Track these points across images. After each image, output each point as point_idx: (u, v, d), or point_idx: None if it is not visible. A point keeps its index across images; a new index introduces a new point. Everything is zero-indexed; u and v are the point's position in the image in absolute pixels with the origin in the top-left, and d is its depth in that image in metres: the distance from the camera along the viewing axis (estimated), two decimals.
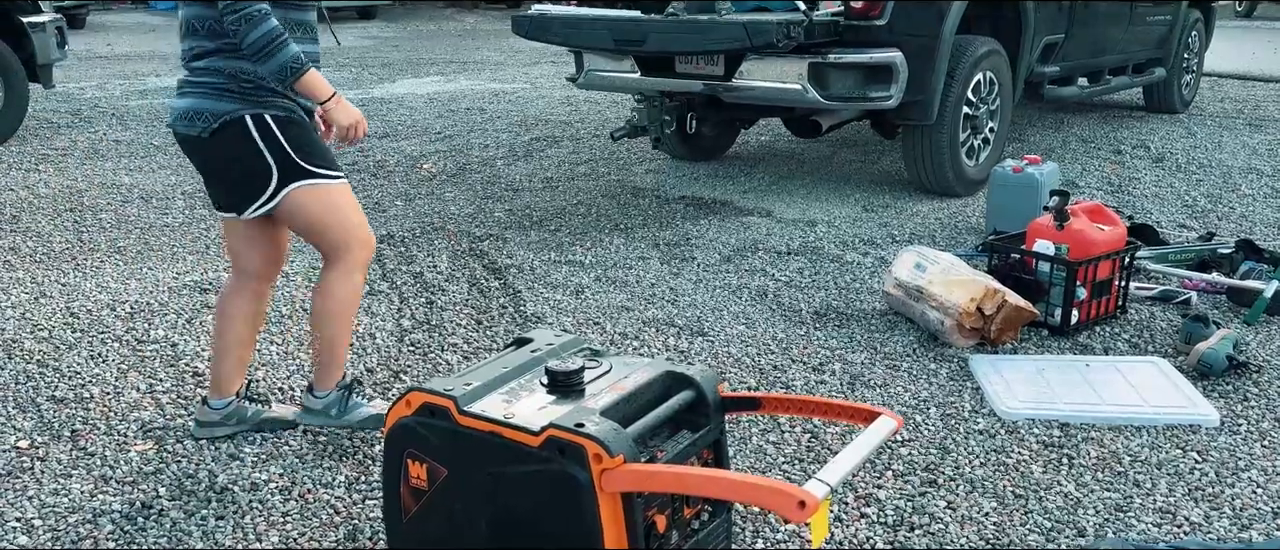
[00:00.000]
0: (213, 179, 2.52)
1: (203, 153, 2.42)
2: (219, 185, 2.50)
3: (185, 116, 2.37)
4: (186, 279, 3.95)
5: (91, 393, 2.92)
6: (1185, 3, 7.17)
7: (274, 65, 2.28)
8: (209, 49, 2.34)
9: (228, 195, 2.48)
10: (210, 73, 2.35)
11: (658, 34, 4.63)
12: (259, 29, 2.23)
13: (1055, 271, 3.30)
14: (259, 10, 2.23)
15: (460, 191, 5.46)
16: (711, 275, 4.02)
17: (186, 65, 2.39)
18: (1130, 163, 5.95)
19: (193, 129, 2.36)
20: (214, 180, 2.52)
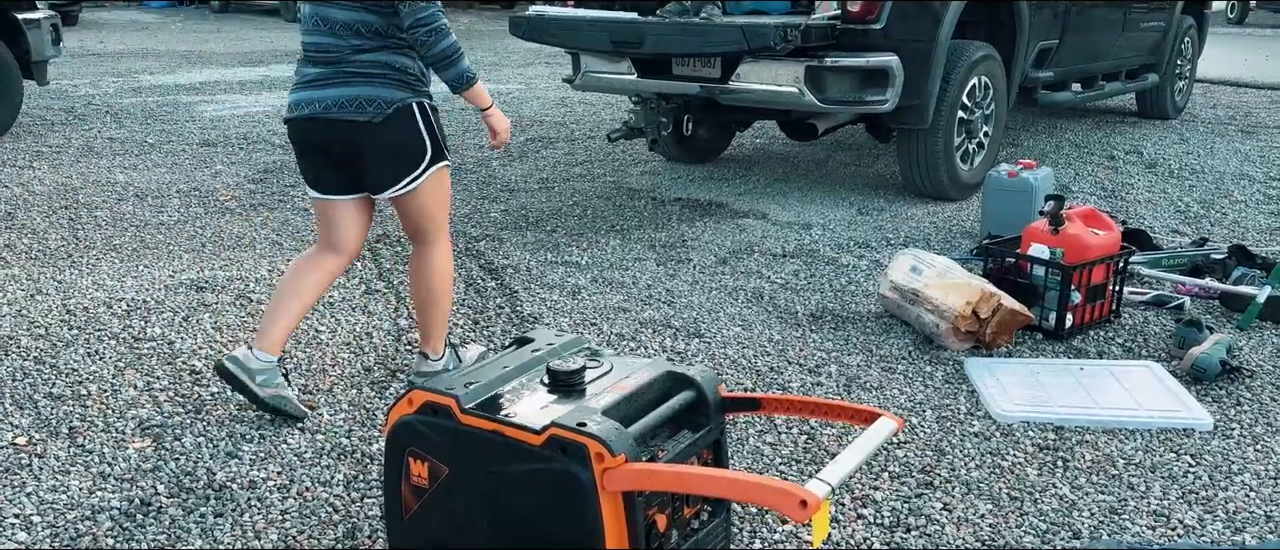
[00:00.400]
0: (365, 160, 2.66)
1: (365, 136, 2.60)
2: (372, 166, 2.67)
3: (349, 103, 2.58)
4: (182, 277, 3.94)
5: (89, 390, 2.92)
6: (1179, 9, 7.23)
7: (453, 73, 2.62)
8: (374, 46, 2.59)
9: (377, 175, 2.68)
10: (378, 66, 2.59)
11: (655, 36, 4.65)
12: (446, 40, 2.57)
13: (1050, 275, 3.32)
14: (445, 25, 2.57)
15: (456, 192, 5.46)
16: (707, 277, 4.03)
17: (348, 59, 2.58)
18: (1124, 168, 5.99)
19: (361, 115, 2.58)
20: (368, 161, 2.66)
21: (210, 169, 5.94)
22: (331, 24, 2.58)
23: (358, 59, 2.58)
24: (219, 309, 3.59)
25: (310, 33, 2.63)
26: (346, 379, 3.03)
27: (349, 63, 2.59)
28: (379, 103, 2.58)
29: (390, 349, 3.27)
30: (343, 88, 2.58)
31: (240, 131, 7.15)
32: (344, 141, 2.63)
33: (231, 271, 4.01)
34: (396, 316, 3.55)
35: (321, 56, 2.61)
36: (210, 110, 8.15)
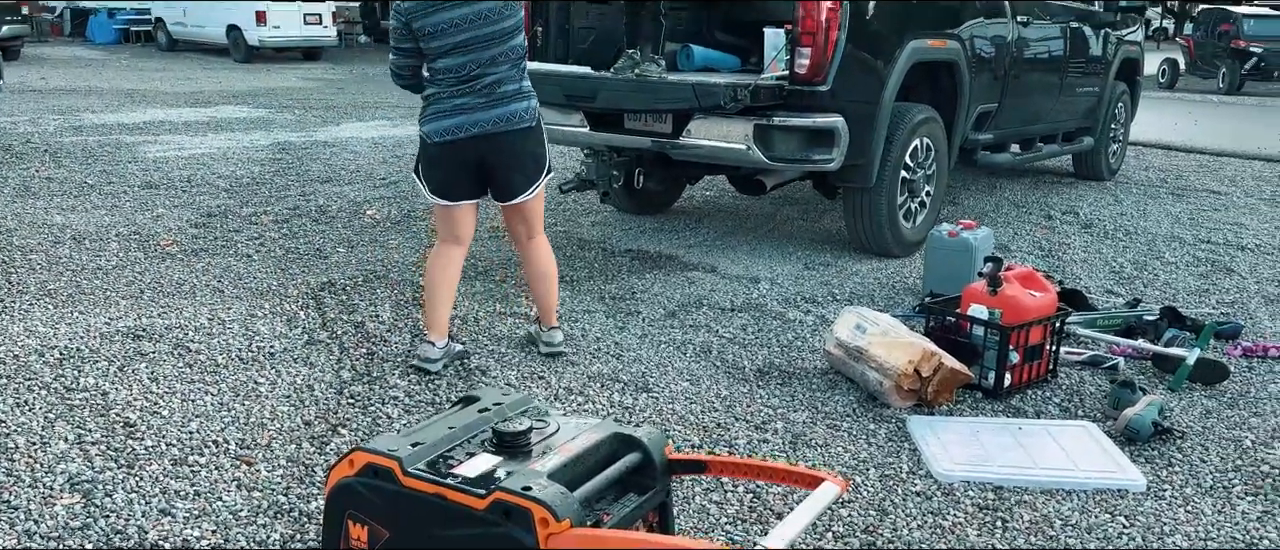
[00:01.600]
0: (513, 166, 3.40)
1: (525, 141, 3.38)
2: (516, 171, 3.41)
3: (523, 114, 3.35)
4: (119, 324, 3.85)
5: (16, 443, 2.82)
6: (1112, 75, 7.50)
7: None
8: (521, 67, 3.39)
9: (514, 180, 3.43)
10: (527, 82, 3.40)
11: (608, 92, 4.70)
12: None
13: (989, 336, 3.40)
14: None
15: (404, 238, 5.43)
16: (656, 330, 4.05)
17: (521, 82, 3.38)
18: (1060, 228, 6.16)
19: (530, 121, 3.38)
20: (513, 167, 3.40)
21: (151, 212, 5.83)
22: (505, 54, 3.29)
23: (525, 81, 3.38)
24: (156, 358, 3.51)
25: (462, 67, 3.26)
26: (285, 433, 2.97)
27: (520, 84, 3.36)
28: (536, 111, 3.40)
29: (331, 402, 3.21)
30: (520, 101, 3.35)
31: (184, 174, 7.04)
32: (503, 149, 3.33)
33: (170, 319, 3.93)
34: (339, 368, 3.50)
35: (480, 84, 3.28)
36: (153, 151, 8.02)
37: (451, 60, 3.28)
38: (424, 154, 3.42)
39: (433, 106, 3.35)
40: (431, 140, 3.34)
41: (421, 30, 3.26)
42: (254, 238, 5.30)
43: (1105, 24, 7.32)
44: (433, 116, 3.34)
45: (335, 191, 6.65)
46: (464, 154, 3.34)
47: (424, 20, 3.25)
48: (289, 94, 13.39)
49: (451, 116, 3.31)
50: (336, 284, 4.51)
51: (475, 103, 3.30)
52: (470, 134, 3.30)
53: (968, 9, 5.52)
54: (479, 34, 3.26)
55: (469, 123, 3.30)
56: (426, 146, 3.38)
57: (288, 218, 5.80)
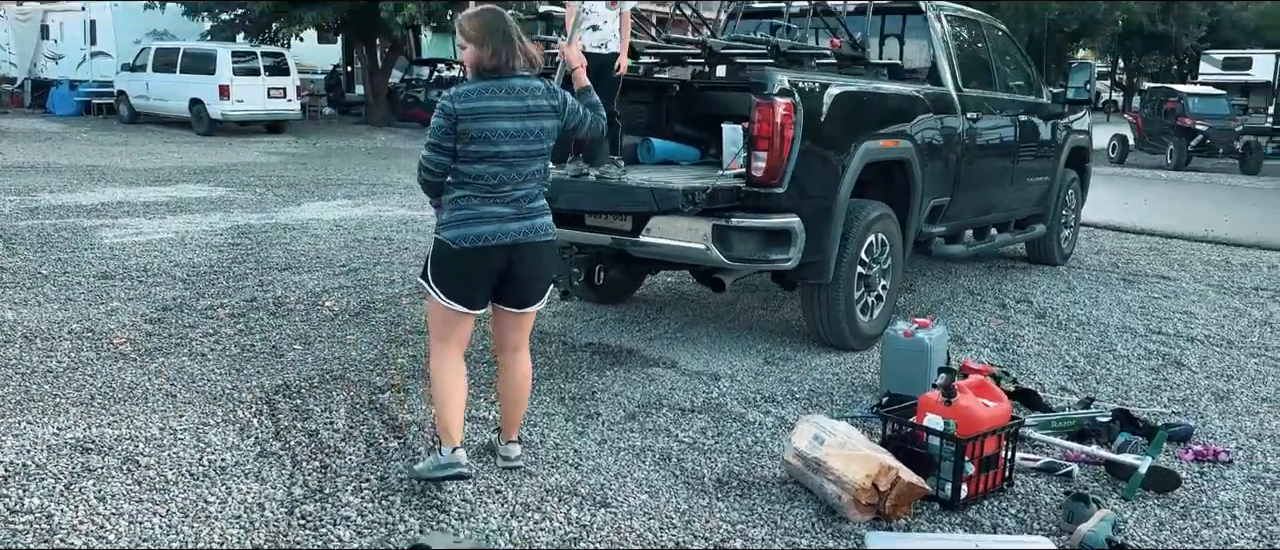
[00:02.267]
0: (537, 276, 3.49)
1: (548, 252, 3.50)
2: (538, 280, 3.51)
3: (547, 228, 3.44)
4: (67, 436, 3.77)
5: None
6: (1062, 163, 7.71)
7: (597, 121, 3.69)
8: (543, 179, 3.45)
9: (535, 288, 3.51)
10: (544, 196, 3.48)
11: (568, 193, 4.75)
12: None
13: (945, 447, 3.43)
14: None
15: (363, 333, 5.39)
16: (616, 434, 4.03)
17: (543, 196, 3.45)
18: (1015, 317, 6.26)
19: (552, 234, 3.48)
20: (537, 277, 3.49)
21: (106, 305, 5.75)
22: (538, 159, 3.37)
23: (540, 193, 3.42)
24: (104, 475, 3.43)
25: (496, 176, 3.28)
26: None
27: (541, 198, 3.43)
28: (552, 225, 3.48)
29: (282, 523, 3.15)
30: (545, 216, 3.43)
31: (141, 262, 6.96)
32: (529, 260, 3.39)
33: (121, 429, 3.85)
34: (291, 484, 3.44)
35: (511, 195, 3.32)
36: (111, 236, 7.93)
37: (489, 168, 3.27)
38: (443, 259, 3.33)
39: (461, 211, 3.30)
40: (459, 246, 3.28)
41: (468, 132, 3.23)
42: (209, 334, 5.24)
43: (1053, 114, 7.55)
44: (461, 222, 3.29)
45: (294, 280, 6.60)
46: (493, 262, 3.33)
47: (475, 124, 3.23)
48: (251, 170, 13.35)
49: (484, 223, 3.28)
50: (292, 386, 4.45)
51: (506, 212, 3.31)
52: (502, 243, 3.30)
53: (918, 106, 5.67)
54: (527, 148, 3.31)
55: (501, 232, 3.29)
56: (450, 252, 3.30)
57: (244, 311, 5.74)
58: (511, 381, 3.60)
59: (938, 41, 6.18)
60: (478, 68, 3.30)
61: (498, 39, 3.26)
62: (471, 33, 3.28)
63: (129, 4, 22.72)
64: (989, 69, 6.84)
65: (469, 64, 3.32)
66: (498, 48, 3.26)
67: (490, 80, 3.28)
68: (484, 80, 3.29)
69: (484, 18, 3.31)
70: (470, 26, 3.29)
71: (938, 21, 6.27)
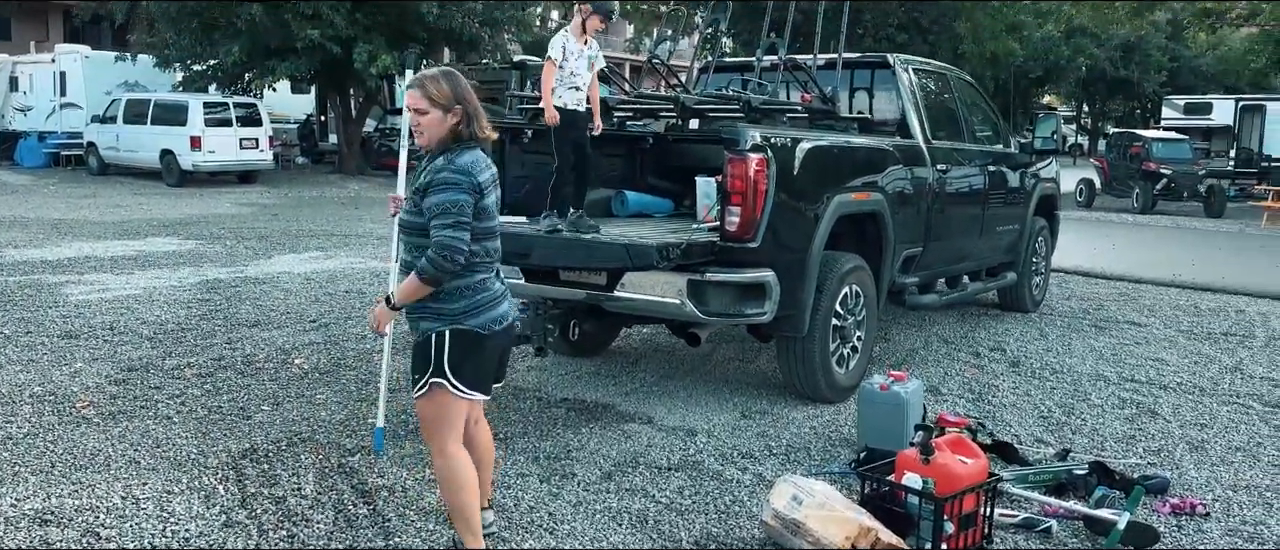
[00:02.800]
0: (510, 348, 3.42)
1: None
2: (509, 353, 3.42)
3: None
4: (26, 507, 3.65)
5: None
6: (1031, 212, 7.80)
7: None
8: None
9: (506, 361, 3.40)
10: None
11: (542, 249, 4.73)
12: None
13: (923, 506, 3.40)
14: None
15: (333, 392, 5.30)
16: (592, 496, 3.97)
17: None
18: (989, 367, 6.27)
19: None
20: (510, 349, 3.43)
21: (69, 367, 5.62)
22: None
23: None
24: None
25: (495, 250, 3.14)
26: None
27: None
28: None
29: None
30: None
31: (107, 320, 6.84)
32: (507, 347, 3.31)
33: (81, 499, 3.74)
34: None
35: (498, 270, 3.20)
36: (76, 294, 7.80)
37: (494, 244, 3.11)
38: (472, 349, 3.04)
39: (482, 295, 3.05)
40: (490, 331, 3.05)
41: (481, 207, 3.01)
42: (175, 396, 5.13)
43: (1021, 164, 7.64)
44: (485, 306, 3.05)
45: (263, 338, 6.50)
46: (503, 341, 3.19)
47: (484, 198, 3.03)
48: (221, 222, 13.24)
49: (503, 302, 3.14)
50: (259, 449, 4.35)
51: (504, 289, 3.19)
52: (510, 321, 3.18)
53: (888, 159, 5.72)
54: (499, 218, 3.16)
55: (509, 310, 3.18)
56: (477, 339, 3.04)
57: (212, 370, 5.64)
58: (480, 449, 3.42)
59: (906, 94, 6.26)
60: (452, 136, 3.03)
61: (471, 104, 3.05)
62: (441, 98, 3.01)
63: (100, 55, 22.65)
64: (957, 120, 6.93)
65: (434, 133, 3.02)
66: (474, 113, 3.04)
67: (469, 150, 3.04)
68: (464, 150, 3.03)
69: (454, 82, 3.06)
70: (438, 92, 3.01)
71: (905, 74, 6.35)
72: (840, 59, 6.17)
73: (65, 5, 29.36)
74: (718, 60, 7.19)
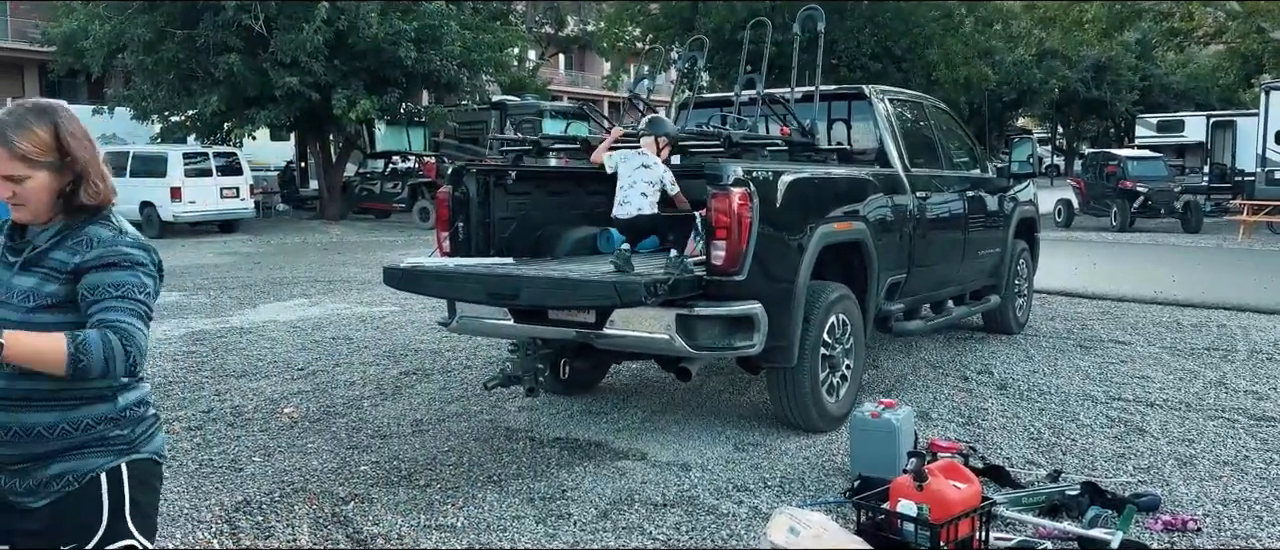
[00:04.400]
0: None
1: None
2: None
3: None
4: None
5: None
6: (1011, 234, 7.89)
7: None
8: None
9: None
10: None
11: (530, 289, 4.75)
12: None
13: (920, 533, 3.41)
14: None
15: (324, 441, 5.28)
16: (589, 535, 3.96)
17: None
18: (977, 390, 6.32)
19: None
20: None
21: None
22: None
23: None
24: None
25: None
26: None
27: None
28: None
29: None
30: None
31: None
32: None
33: None
34: None
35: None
36: None
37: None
38: (154, 480, 2.27)
39: (151, 411, 2.27)
40: (162, 458, 2.28)
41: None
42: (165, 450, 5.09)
43: (999, 188, 7.75)
44: (154, 425, 2.27)
45: (251, 388, 6.47)
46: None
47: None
48: (204, 272, 13.19)
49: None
50: (252, 501, 4.33)
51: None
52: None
53: (869, 188, 5.79)
54: None
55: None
56: (155, 469, 2.26)
57: (201, 423, 5.61)
58: None
59: (883, 124, 6.35)
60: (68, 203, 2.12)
61: (85, 155, 2.13)
62: (42, 154, 2.06)
63: (77, 109, 22.50)
64: (934, 147, 7.03)
65: (44, 198, 2.10)
66: (85, 170, 2.12)
67: (102, 224, 2.16)
68: (94, 223, 2.15)
69: (64, 123, 2.10)
70: (36, 145, 2.05)
71: (881, 104, 6.44)
72: (817, 91, 6.27)
73: (40, 60, 29.36)
74: (697, 96, 7.27)
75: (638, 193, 5.14)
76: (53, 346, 1.97)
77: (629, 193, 5.16)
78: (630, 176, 5.18)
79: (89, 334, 2.01)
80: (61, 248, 2.12)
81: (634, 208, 5.12)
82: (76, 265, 2.08)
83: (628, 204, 5.15)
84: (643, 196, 5.13)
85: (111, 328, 2.03)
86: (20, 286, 2.09)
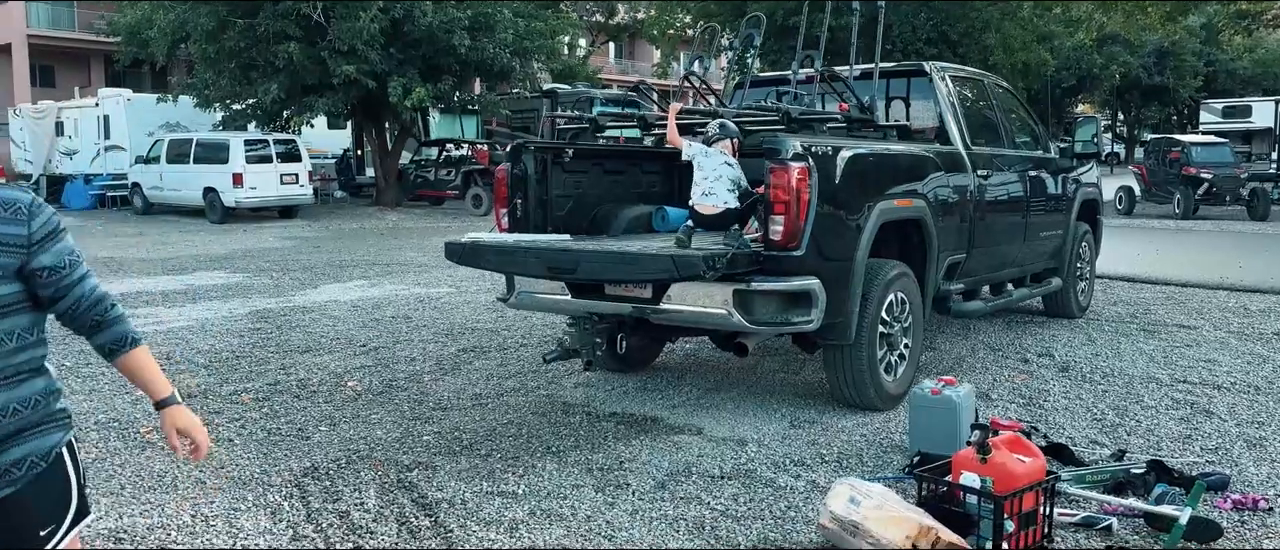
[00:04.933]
0: None
1: None
2: None
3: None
4: (99, 527, 3.76)
5: None
6: (1074, 216, 7.75)
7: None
8: None
9: None
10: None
11: (588, 263, 4.80)
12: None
13: (983, 505, 3.39)
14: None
15: (387, 412, 5.39)
16: (647, 505, 4.00)
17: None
18: (1038, 372, 6.23)
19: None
20: None
21: (131, 395, 5.76)
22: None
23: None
24: None
25: None
26: None
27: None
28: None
29: None
30: None
31: (162, 350, 7.00)
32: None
33: (152, 518, 3.84)
34: None
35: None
36: None
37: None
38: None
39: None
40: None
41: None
42: (235, 419, 5.25)
43: (1062, 169, 7.61)
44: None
45: (315, 362, 6.63)
46: None
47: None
48: (266, 255, 13.48)
49: None
50: (320, 468, 4.44)
51: None
52: None
53: (929, 165, 5.74)
54: None
55: None
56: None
57: (268, 395, 5.76)
58: None
59: (944, 101, 6.28)
60: None
61: None
62: None
63: (142, 98, 23.23)
64: (995, 126, 6.93)
65: None
66: None
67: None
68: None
69: None
70: None
71: (942, 82, 6.37)
72: (877, 68, 6.21)
73: (106, 51, 30.16)
74: (753, 75, 7.25)
75: (724, 188, 5.15)
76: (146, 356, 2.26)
77: (715, 185, 5.15)
78: (716, 171, 5.18)
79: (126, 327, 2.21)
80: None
81: (721, 202, 5.13)
82: (29, 237, 2.05)
83: (714, 196, 5.16)
84: (729, 193, 5.15)
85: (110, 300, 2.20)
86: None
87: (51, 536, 2.08)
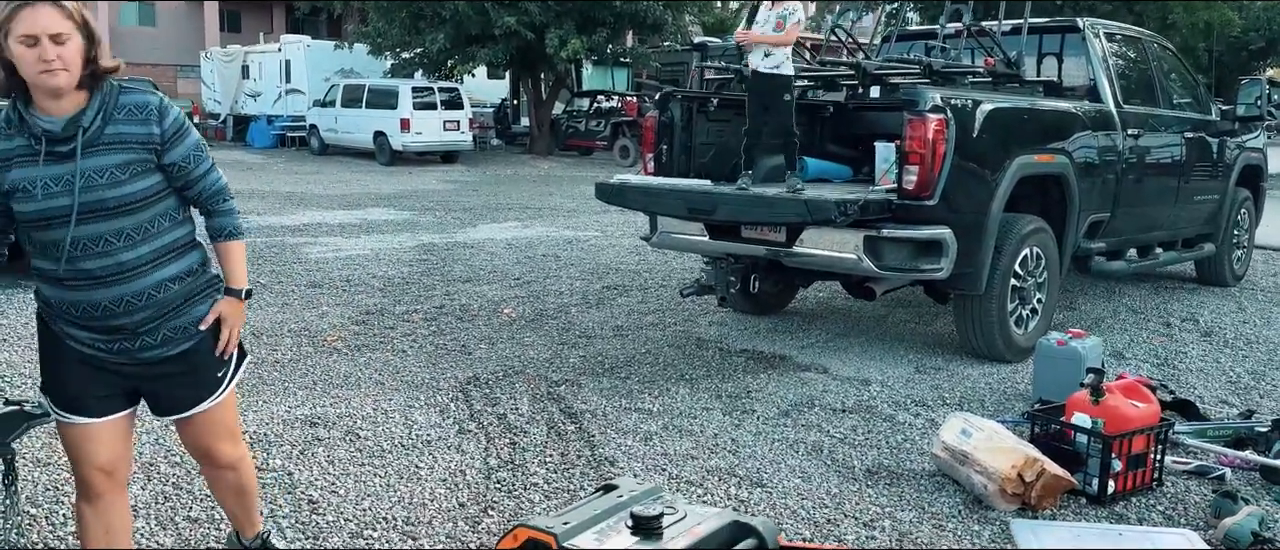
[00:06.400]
0: None
1: None
2: None
3: None
4: (297, 412, 4.39)
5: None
6: (1233, 182, 7.49)
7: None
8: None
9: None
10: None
11: (727, 205, 5.11)
12: None
13: (1091, 444, 3.56)
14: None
15: (538, 336, 5.90)
16: (770, 428, 4.33)
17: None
18: (1179, 336, 6.17)
19: None
20: None
21: (317, 310, 6.50)
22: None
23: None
24: (331, 444, 4.01)
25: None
26: (443, 513, 3.39)
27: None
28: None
29: (480, 487, 3.62)
30: None
31: (342, 274, 7.77)
32: None
33: (340, 409, 4.45)
34: (486, 456, 3.92)
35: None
36: (314, 252, 8.86)
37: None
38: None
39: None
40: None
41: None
42: (407, 334, 5.87)
43: (1223, 131, 7.36)
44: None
45: (475, 291, 7.23)
46: None
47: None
48: (430, 196, 14.39)
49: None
50: (480, 378, 4.98)
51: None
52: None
53: (1075, 123, 5.74)
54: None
55: None
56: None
57: (435, 316, 6.38)
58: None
59: (1096, 59, 6.21)
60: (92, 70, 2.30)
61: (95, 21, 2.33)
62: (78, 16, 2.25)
63: (320, 45, 24.78)
64: (1152, 86, 6.78)
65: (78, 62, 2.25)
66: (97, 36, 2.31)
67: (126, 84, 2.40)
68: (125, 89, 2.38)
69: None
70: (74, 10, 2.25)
71: (1096, 40, 6.30)
72: (1026, 23, 6.21)
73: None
74: (900, 29, 7.32)
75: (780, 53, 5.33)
76: (239, 250, 2.56)
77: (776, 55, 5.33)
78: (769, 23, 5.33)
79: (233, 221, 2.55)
80: (116, 122, 2.30)
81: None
82: (160, 135, 2.34)
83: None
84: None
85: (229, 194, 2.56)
86: (100, 165, 2.26)
87: (224, 376, 2.57)
